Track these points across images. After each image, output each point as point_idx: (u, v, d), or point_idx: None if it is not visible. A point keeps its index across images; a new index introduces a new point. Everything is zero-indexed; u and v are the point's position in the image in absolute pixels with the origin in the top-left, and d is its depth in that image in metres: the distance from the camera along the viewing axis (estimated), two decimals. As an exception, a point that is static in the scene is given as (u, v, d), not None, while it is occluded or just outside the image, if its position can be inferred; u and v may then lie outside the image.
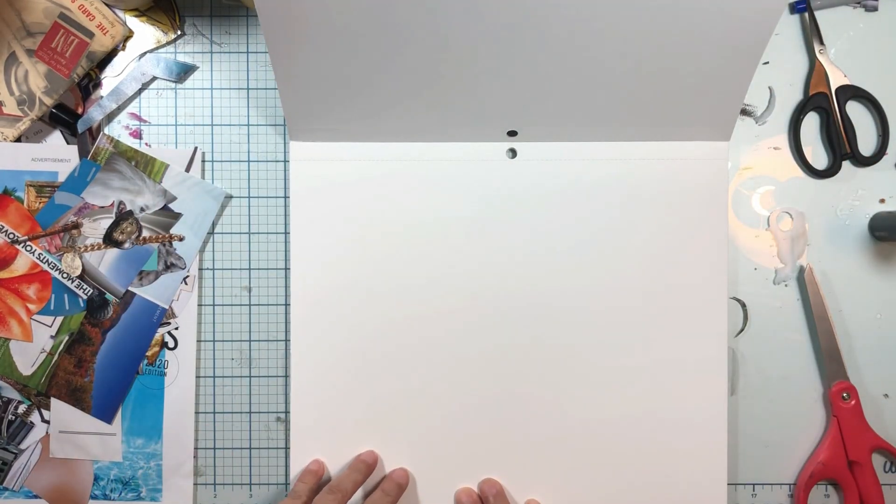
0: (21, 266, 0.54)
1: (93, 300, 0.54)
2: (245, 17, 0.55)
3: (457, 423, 0.53)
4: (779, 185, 0.55)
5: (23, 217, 0.54)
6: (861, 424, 0.53)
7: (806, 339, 0.55)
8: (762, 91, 0.55)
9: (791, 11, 0.55)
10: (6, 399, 0.54)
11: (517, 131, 0.53)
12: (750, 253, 0.55)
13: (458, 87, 0.50)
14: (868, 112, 0.55)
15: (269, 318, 0.55)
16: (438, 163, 0.53)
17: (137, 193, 0.54)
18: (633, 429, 0.53)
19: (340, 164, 0.53)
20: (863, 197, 0.55)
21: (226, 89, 0.55)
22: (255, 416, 0.55)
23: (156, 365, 0.54)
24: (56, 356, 0.54)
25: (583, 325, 0.53)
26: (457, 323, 0.53)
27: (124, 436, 0.54)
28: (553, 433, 0.53)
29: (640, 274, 0.53)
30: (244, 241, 0.55)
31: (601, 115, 0.52)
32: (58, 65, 0.53)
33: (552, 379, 0.53)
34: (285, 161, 0.55)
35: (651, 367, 0.53)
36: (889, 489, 0.54)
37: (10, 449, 0.54)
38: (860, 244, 0.55)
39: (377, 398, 0.53)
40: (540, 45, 0.48)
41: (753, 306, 0.55)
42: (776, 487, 0.55)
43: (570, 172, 0.53)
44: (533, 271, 0.53)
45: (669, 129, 0.53)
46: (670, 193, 0.53)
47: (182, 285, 0.54)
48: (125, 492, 0.54)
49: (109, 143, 0.54)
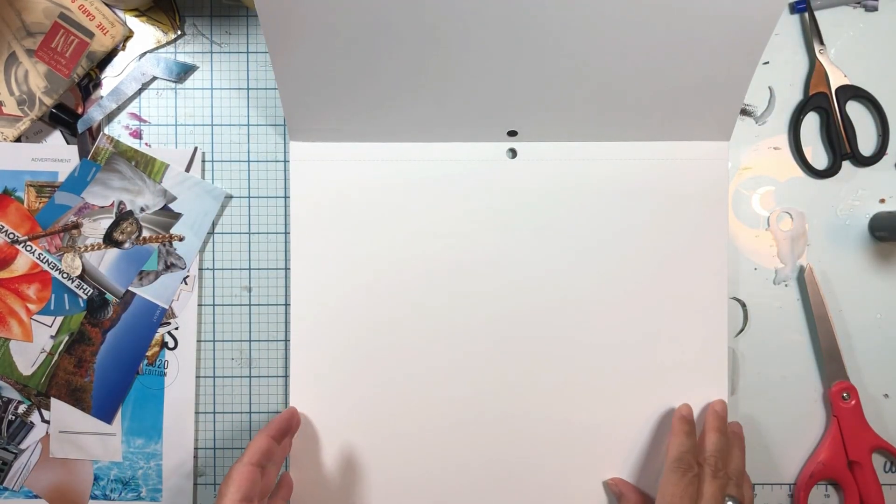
0: (21, 266, 0.54)
1: (93, 300, 0.54)
2: (245, 17, 0.55)
3: (457, 423, 0.53)
4: (779, 185, 0.55)
5: (23, 217, 0.54)
6: (861, 424, 0.53)
7: (806, 339, 0.55)
8: (762, 91, 0.55)
9: (791, 11, 0.55)
10: (6, 399, 0.54)
11: (517, 131, 0.53)
12: (750, 253, 0.55)
13: (458, 87, 0.50)
14: (868, 112, 0.55)
15: (269, 318, 0.55)
16: (439, 163, 0.53)
17: (137, 193, 0.54)
18: (634, 429, 0.53)
19: (340, 165, 0.53)
20: (863, 197, 0.55)
21: (226, 89, 0.55)
22: (255, 416, 0.55)
23: (156, 365, 0.54)
24: (56, 356, 0.54)
25: (583, 324, 0.53)
26: (457, 323, 0.53)
27: (124, 436, 0.54)
28: (553, 433, 0.53)
29: (640, 273, 0.53)
30: (244, 241, 0.55)
31: (601, 115, 0.52)
32: (58, 65, 0.53)
33: (552, 379, 0.53)
34: (285, 161, 0.55)
35: (651, 367, 0.53)
36: (889, 489, 0.54)
37: (10, 449, 0.54)
38: (860, 244, 0.55)
39: (377, 398, 0.53)
40: (540, 45, 0.48)
41: (753, 306, 0.55)
42: (776, 487, 0.55)
43: (571, 172, 0.53)
44: (533, 271, 0.53)
45: (670, 129, 0.53)
46: (671, 193, 0.53)
47: (182, 285, 0.54)
48: (125, 492, 0.54)
49: (109, 143, 0.54)
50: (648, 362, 0.53)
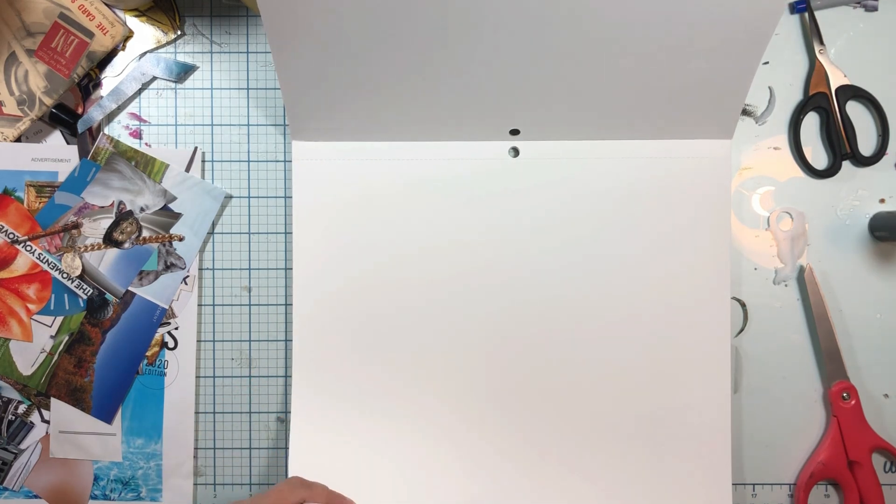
0: (21, 266, 0.54)
1: (93, 300, 0.54)
2: (245, 17, 0.55)
3: (458, 422, 0.53)
4: (779, 185, 0.55)
5: (23, 217, 0.54)
6: (861, 424, 0.53)
7: (806, 339, 0.55)
8: (762, 91, 0.55)
9: (791, 11, 0.55)
10: (6, 399, 0.54)
11: (519, 130, 0.53)
12: (750, 253, 0.55)
13: (460, 86, 0.50)
14: (868, 112, 0.55)
15: (270, 318, 0.55)
16: (441, 161, 0.53)
17: (137, 193, 0.54)
18: (636, 428, 0.53)
19: (342, 164, 0.53)
20: (863, 197, 0.55)
21: (226, 89, 0.55)
22: (255, 416, 0.55)
23: (156, 365, 0.54)
24: (56, 356, 0.54)
25: (584, 323, 0.53)
26: (458, 322, 0.53)
27: (124, 436, 0.54)
28: (556, 433, 0.53)
29: (641, 272, 0.53)
30: (244, 241, 0.55)
31: (603, 114, 0.52)
32: (58, 65, 0.53)
33: (554, 378, 0.53)
34: (285, 161, 0.55)
35: (653, 367, 0.53)
36: (889, 489, 0.54)
37: (10, 449, 0.54)
38: (860, 244, 0.55)
39: (378, 397, 0.53)
40: (542, 45, 0.48)
41: (753, 306, 0.55)
42: (776, 487, 0.55)
43: (573, 171, 0.53)
44: (535, 270, 0.53)
45: (672, 128, 0.53)
46: (673, 192, 0.53)
47: (182, 285, 0.54)
48: (125, 492, 0.54)
49: (109, 143, 0.54)
50: (650, 361, 0.53)
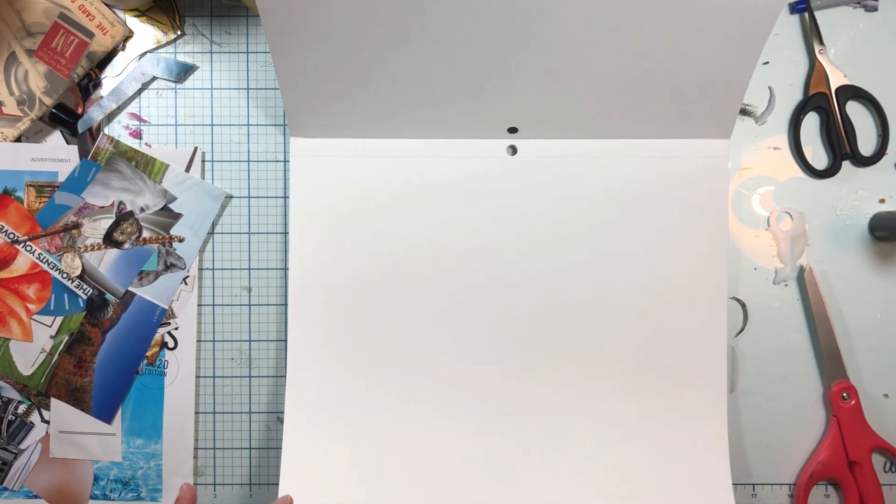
0: (21, 266, 0.54)
1: (93, 300, 0.54)
2: (245, 17, 0.55)
3: (456, 422, 0.53)
4: (779, 185, 0.55)
5: (23, 217, 0.54)
6: (861, 424, 0.53)
7: (806, 339, 0.55)
8: (762, 91, 0.55)
9: (791, 11, 0.55)
10: (6, 399, 0.54)
11: (518, 128, 0.53)
12: (750, 253, 0.55)
13: (458, 84, 0.50)
14: (868, 112, 0.55)
15: (269, 318, 0.55)
16: (439, 159, 0.53)
17: (137, 194, 0.54)
18: (635, 428, 0.53)
19: (340, 161, 0.53)
20: (863, 197, 0.55)
21: (226, 89, 0.55)
22: (255, 416, 0.55)
23: (156, 365, 0.54)
24: (56, 356, 0.54)
25: (582, 322, 0.53)
26: (457, 321, 0.53)
27: (124, 436, 0.54)
28: (554, 435, 0.53)
29: (639, 270, 0.53)
30: (244, 241, 0.55)
31: (602, 112, 0.52)
32: (58, 65, 0.53)
33: (552, 377, 0.53)
34: (285, 161, 0.55)
35: (650, 366, 0.53)
36: (889, 489, 0.54)
37: (10, 449, 0.54)
38: (860, 244, 0.55)
39: (374, 397, 0.53)
40: (541, 43, 0.48)
41: (753, 306, 0.55)
42: (776, 487, 0.55)
43: (571, 169, 0.53)
44: (533, 269, 0.53)
45: (669, 127, 0.53)
46: (671, 191, 0.53)
47: (182, 285, 0.54)
48: (125, 492, 0.54)
49: (109, 143, 0.54)
50: (648, 360, 0.53)
